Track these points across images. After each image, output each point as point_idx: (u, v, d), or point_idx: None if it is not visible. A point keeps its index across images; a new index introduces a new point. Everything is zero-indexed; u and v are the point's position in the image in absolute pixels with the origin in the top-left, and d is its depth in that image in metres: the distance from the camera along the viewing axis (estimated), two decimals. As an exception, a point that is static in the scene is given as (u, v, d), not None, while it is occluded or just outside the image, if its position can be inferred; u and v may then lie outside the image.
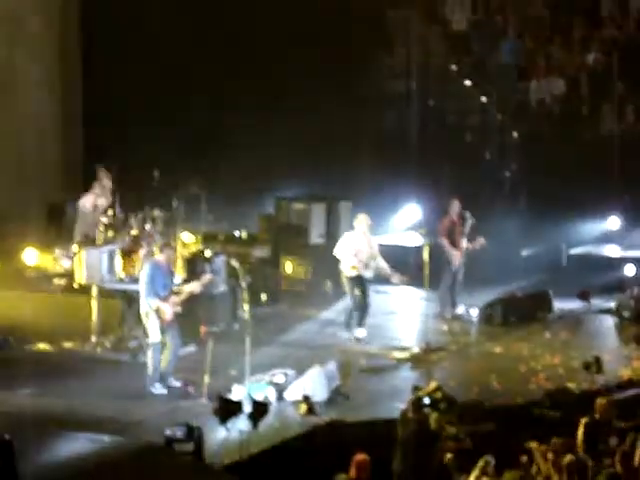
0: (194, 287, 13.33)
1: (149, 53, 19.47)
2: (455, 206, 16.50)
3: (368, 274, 15.23)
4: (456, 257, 16.38)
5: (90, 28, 19.97)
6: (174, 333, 13.11)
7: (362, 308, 15.19)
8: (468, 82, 20.56)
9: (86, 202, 16.09)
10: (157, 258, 13.50)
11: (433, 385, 11.66)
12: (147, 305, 13.03)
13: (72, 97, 19.55)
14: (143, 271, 13.31)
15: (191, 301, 13.50)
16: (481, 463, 9.92)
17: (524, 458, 10.13)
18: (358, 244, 15.18)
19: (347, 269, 15.11)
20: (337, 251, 15.28)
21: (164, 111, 19.51)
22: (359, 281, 15.17)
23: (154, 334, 13.05)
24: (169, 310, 12.97)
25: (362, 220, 15.32)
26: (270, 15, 19.64)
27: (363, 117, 19.66)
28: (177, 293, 13.18)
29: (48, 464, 10.44)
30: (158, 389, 13.02)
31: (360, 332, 15.19)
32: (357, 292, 15.14)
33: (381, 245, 15.85)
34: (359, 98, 19.71)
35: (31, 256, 16.94)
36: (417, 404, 10.99)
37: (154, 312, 12.97)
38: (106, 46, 19.57)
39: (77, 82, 19.77)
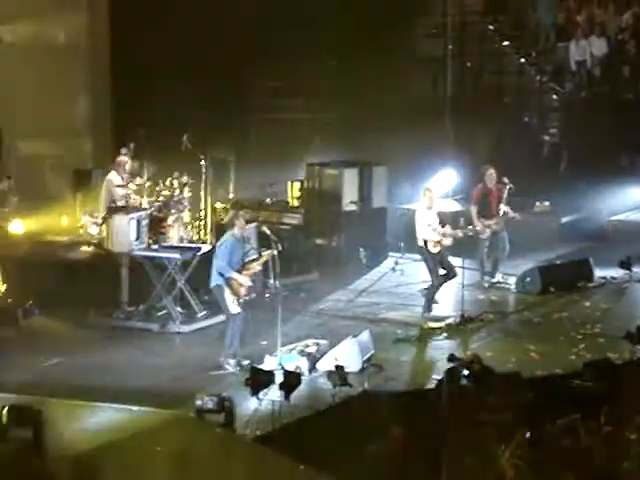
0: (260, 263, 12.87)
1: (178, 19, 19.17)
2: (490, 174, 16.06)
3: (447, 242, 14.74)
4: (484, 227, 15.95)
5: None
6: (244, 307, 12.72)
7: (449, 279, 14.75)
8: (506, 42, 20.23)
9: (115, 180, 15.67)
10: (234, 231, 12.79)
11: (470, 356, 11.42)
12: (220, 278, 12.57)
13: (101, 69, 19.36)
14: (220, 243, 12.88)
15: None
16: (518, 437, 9.66)
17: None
18: (429, 219, 14.66)
19: (431, 247, 14.57)
20: (418, 233, 14.73)
21: (195, 77, 19.26)
22: (443, 256, 14.66)
23: (232, 306, 12.59)
24: (246, 282, 12.58)
25: (424, 195, 14.81)
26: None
27: (398, 80, 19.39)
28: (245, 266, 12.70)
29: (76, 434, 10.37)
30: (231, 366, 12.51)
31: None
32: (441, 268, 14.62)
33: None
34: (394, 61, 19.40)
35: (58, 223, 16.77)
36: (454, 375, 10.75)
37: (228, 286, 12.51)
38: (136, 10, 19.30)
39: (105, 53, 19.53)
